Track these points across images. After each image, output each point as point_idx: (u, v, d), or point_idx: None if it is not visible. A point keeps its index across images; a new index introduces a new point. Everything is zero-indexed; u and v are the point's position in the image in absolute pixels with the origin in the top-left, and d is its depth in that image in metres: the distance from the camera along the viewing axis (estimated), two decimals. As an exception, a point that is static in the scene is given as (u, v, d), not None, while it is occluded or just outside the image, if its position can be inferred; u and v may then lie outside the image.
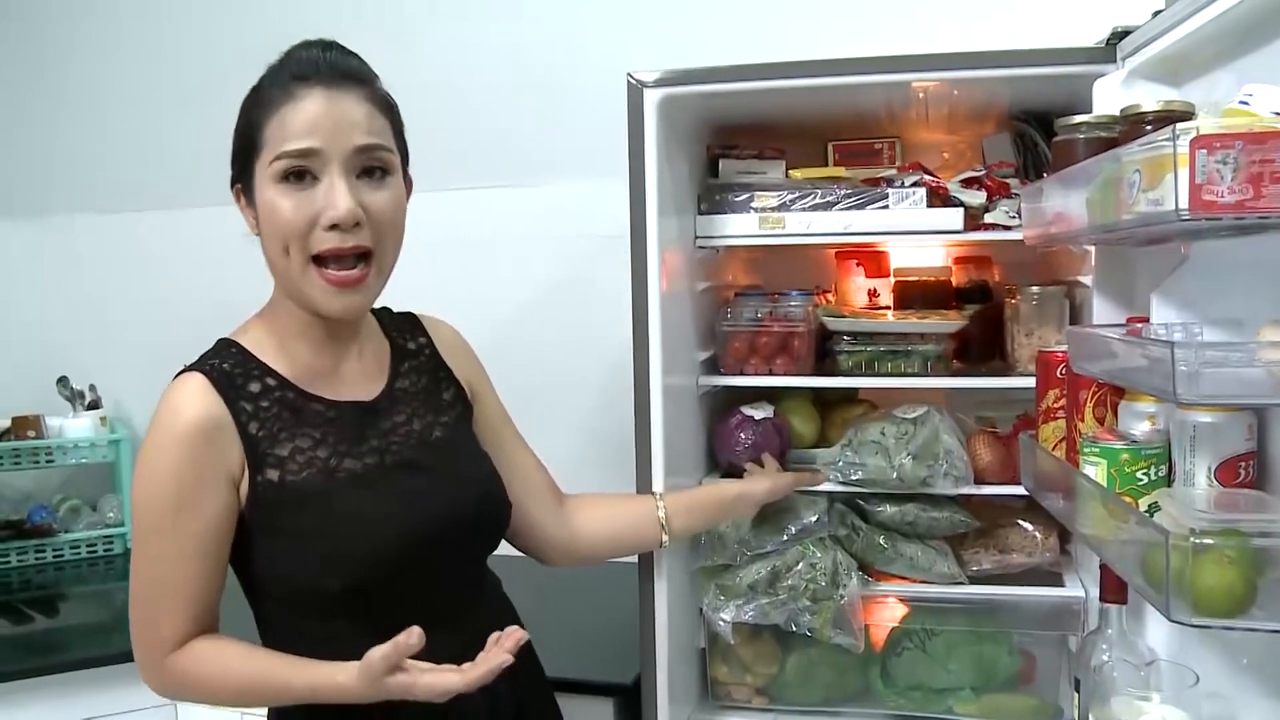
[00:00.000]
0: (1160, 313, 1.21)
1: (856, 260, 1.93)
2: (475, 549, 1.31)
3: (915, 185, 1.66)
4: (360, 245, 1.16)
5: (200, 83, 2.56)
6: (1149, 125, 1.09)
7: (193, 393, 1.16)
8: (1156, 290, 1.21)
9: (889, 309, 1.89)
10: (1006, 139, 1.79)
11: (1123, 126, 1.16)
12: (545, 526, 1.45)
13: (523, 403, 1.48)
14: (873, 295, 1.92)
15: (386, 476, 1.22)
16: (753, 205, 1.71)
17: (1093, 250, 1.49)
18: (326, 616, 1.18)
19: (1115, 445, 1.14)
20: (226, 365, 1.19)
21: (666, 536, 1.53)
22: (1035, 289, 1.68)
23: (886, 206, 1.65)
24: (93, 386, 2.65)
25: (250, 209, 1.20)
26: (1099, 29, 1.44)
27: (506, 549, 1.40)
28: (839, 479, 1.69)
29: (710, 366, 1.82)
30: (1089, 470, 1.16)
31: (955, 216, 1.64)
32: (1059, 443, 1.34)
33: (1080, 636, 1.58)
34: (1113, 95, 1.34)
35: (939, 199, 1.66)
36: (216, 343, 1.24)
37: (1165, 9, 1.21)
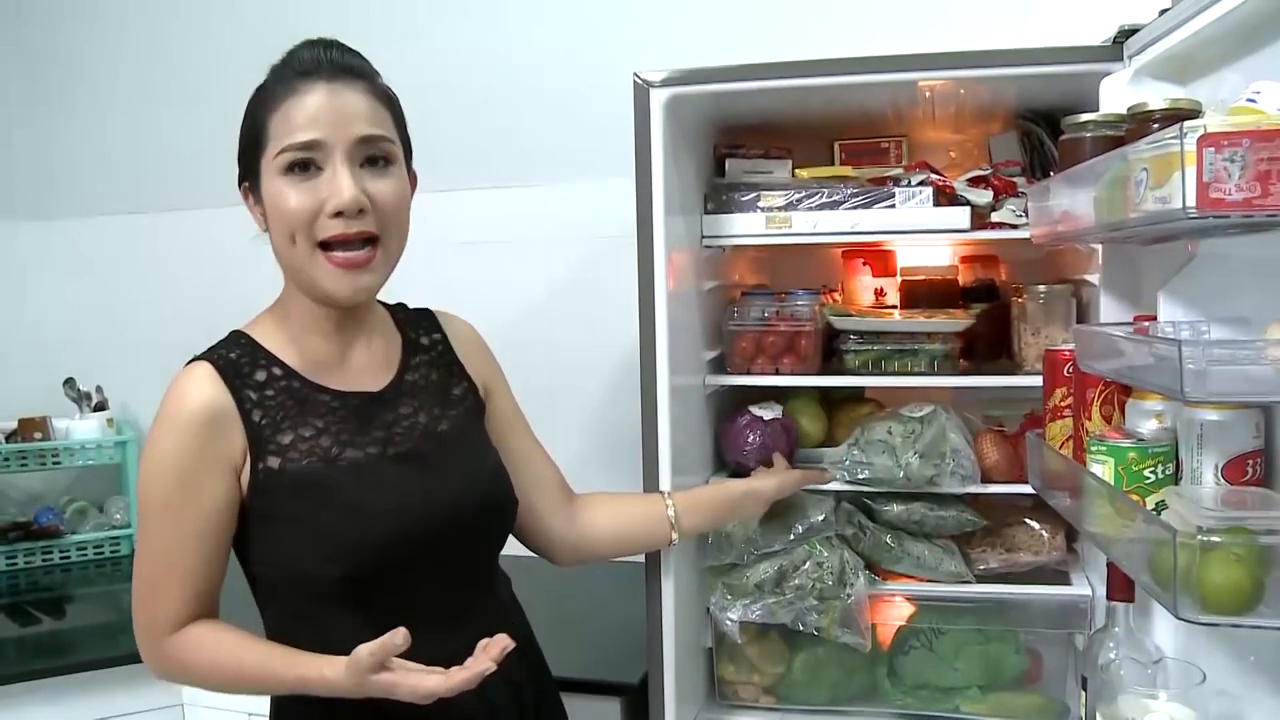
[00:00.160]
0: (1167, 311, 1.21)
1: (863, 259, 1.93)
2: (479, 545, 1.30)
3: (922, 184, 1.65)
4: (366, 231, 1.17)
5: (207, 85, 2.57)
6: (1156, 124, 1.09)
7: (198, 381, 1.18)
8: (1163, 289, 1.20)
9: (895, 308, 1.89)
10: (1013, 138, 1.79)
11: (1130, 125, 1.16)
12: (554, 525, 1.45)
13: (529, 402, 1.48)
14: (879, 294, 1.92)
15: (388, 466, 1.22)
16: (759, 205, 1.71)
17: (1100, 249, 1.49)
18: (326, 605, 1.18)
19: (1123, 443, 1.14)
20: (234, 355, 1.21)
21: (676, 535, 1.53)
22: (1042, 288, 1.68)
23: (893, 205, 1.65)
24: (99, 388, 2.66)
25: (258, 206, 1.21)
26: (1105, 28, 1.44)
27: (514, 549, 1.39)
28: (846, 478, 1.68)
29: (717, 366, 1.82)
30: (1096, 469, 1.16)
31: (962, 215, 1.64)
32: (1066, 441, 1.34)
33: (1087, 635, 1.58)
34: (1119, 94, 1.34)
35: (946, 198, 1.65)
36: (228, 334, 1.25)
37: (1172, 8, 1.21)
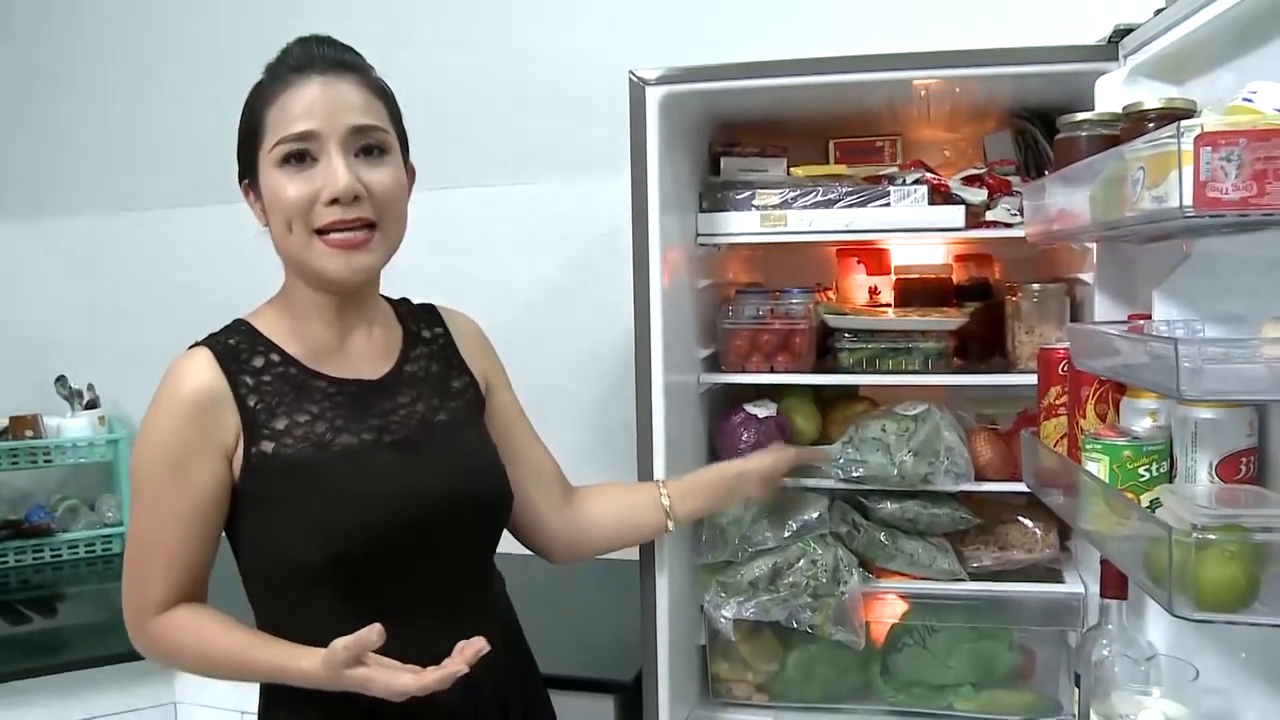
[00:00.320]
0: (1162, 310, 1.21)
1: (857, 257, 1.93)
2: (472, 538, 1.30)
3: (917, 183, 1.66)
4: (362, 217, 1.18)
5: (200, 84, 2.57)
6: (1151, 123, 1.09)
7: (195, 365, 1.19)
8: (1158, 288, 1.21)
9: (889, 306, 1.90)
10: (1007, 137, 1.80)
11: (1125, 124, 1.17)
12: (552, 522, 1.45)
13: (523, 400, 1.47)
14: (873, 292, 1.92)
15: (383, 453, 1.22)
16: (754, 203, 1.71)
17: (1094, 247, 1.49)
18: (315, 593, 1.18)
19: (1117, 442, 1.14)
20: (233, 341, 1.22)
21: (671, 522, 1.52)
22: (1036, 286, 1.68)
23: (888, 204, 1.66)
24: (91, 386, 2.65)
25: (258, 202, 1.22)
26: (1099, 27, 1.45)
27: (507, 548, 1.39)
28: (840, 476, 1.68)
29: (711, 364, 1.82)
30: (1091, 466, 1.16)
31: (956, 214, 1.64)
32: (1060, 439, 1.34)
33: (1080, 632, 1.59)
34: (1115, 93, 1.34)
35: (940, 196, 1.66)
36: (230, 322, 1.27)
37: (1167, 7, 1.21)
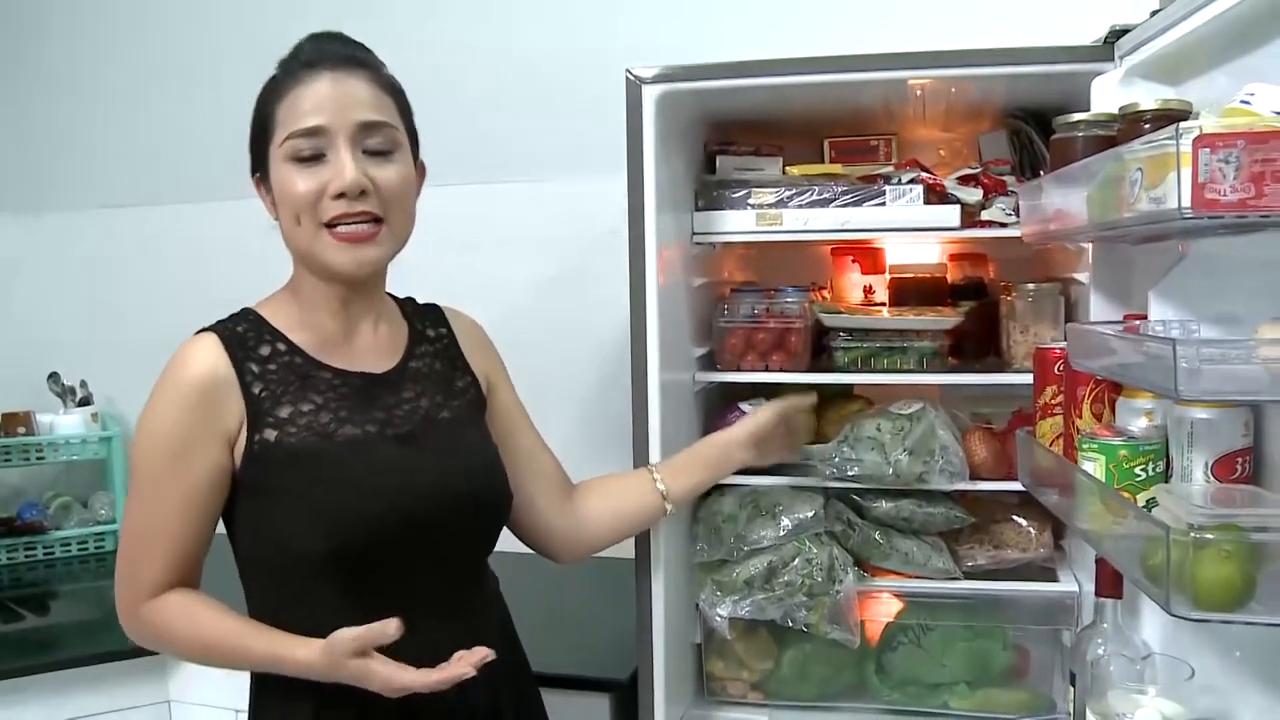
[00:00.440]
0: (1158, 310, 1.21)
1: (852, 256, 1.93)
2: (471, 536, 1.30)
3: (912, 182, 1.66)
4: (369, 211, 1.19)
5: (195, 79, 2.56)
6: (1148, 124, 1.10)
7: (201, 349, 1.20)
8: (1154, 288, 1.21)
9: (884, 305, 1.90)
10: (1003, 136, 1.80)
11: (1121, 125, 1.17)
12: (554, 520, 1.45)
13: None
14: (868, 291, 1.93)
15: (385, 446, 1.23)
16: (750, 202, 1.71)
17: (1089, 248, 1.49)
18: (312, 584, 1.18)
19: (1114, 441, 1.14)
20: (240, 328, 1.23)
21: (669, 504, 1.53)
22: (1031, 286, 1.68)
23: (884, 203, 1.66)
24: (84, 382, 2.64)
25: (269, 195, 1.23)
26: (1094, 28, 1.45)
27: (503, 547, 1.38)
28: (835, 475, 1.68)
29: (707, 363, 1.82)
30: (1087, 466, 1.16)
31: (952, 213, 1.65)
32: (1056, 439, 1.34)
33: (1074, 631, 1.59)
34: (1110, 94, 1.35)
35: (936, 196, 1.66)
36: (238, 310, 1.27)
37: (1162, 9, 1.21)
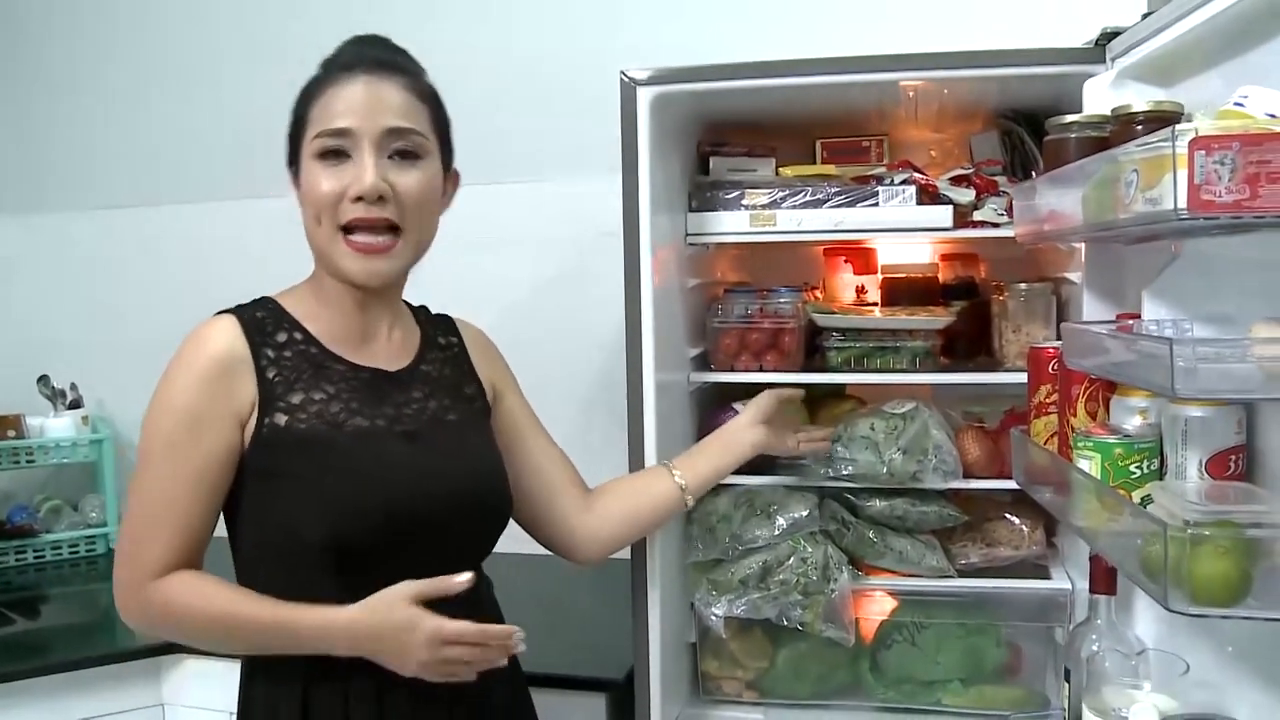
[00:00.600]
0: (1151, 309, 1.23)
1: (844, 257, 1.94)
2: (470, 537, 1.31)
3: (905, 183, 1.67)
4: (386, 218, 1.21)
5: (195, 81, 2.54)
6: (1140, 125, 1.12)
7: (220, 329, 1.21)
8: (1148, 288, 1.22)
9: (876, 305, 1.91)
10: (994, 137, 1.81)
11: (1114, 126, 1.18)
12: (573, 523, 1.47)
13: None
14: (860, 291, 1.94)
15: (393, 441, 1.25)
16: (744, 203, 1.72)
17: (1081, 248, 1.51)
18: (308, 574, 1.18)
19: (1109, 440, 1.15)
20: (259, 314, 1.25)
21: (689, 496, 1.55)
22: (1023, 286, 1.70)
23: (877, 204, 1.67)
24: (74, 385, 2.62)
25: (299, 189, 1.26)
26: (1085, 30, 1.46)
27: (501, 546, 1.39)
28: (830, 474, 1.70)
29: (701, 363, 1.83)
30: (1083, 464, 1.17)
31: (945, 214, 1.66)
32: (1051, 437, 1.35)
33: (1067, 628, 1.61)
34: (1102, 95, 1.36)
35: (929, 196, 1.67)
36: (257, 298, 1.28)
37: (1154, 12, 1.22)
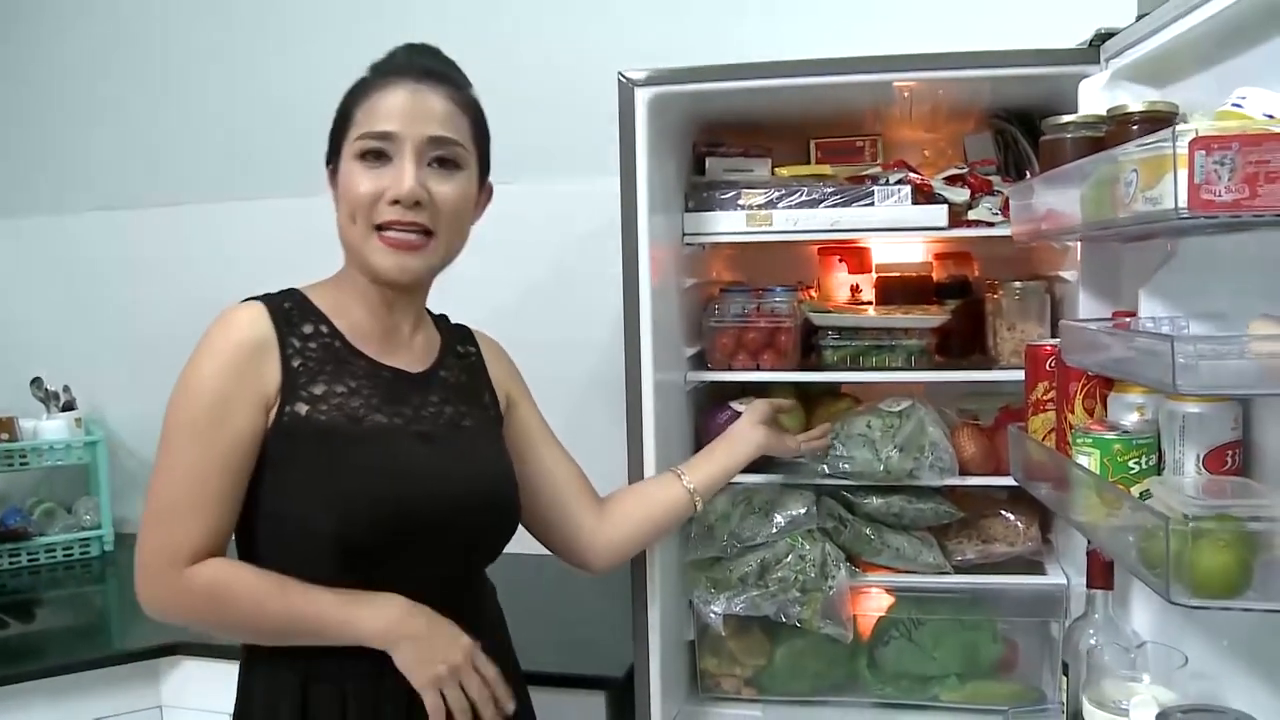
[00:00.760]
0: (1148, 307, 1.24)
1: (839, 256, 1.95)
2: (477, 541, 1.32)
3: (900, 183, 1.68)
4: (420, 223, 1.23)
5: (182, 86, 2.53)
6: (1135, 125, 1.13)
7: (249, 315, 1.22)
8: (1144, 285, 1.24)
9: (871, 304, 1.92)
10: (987, 137, 1.82)
11: (1110, 126, 1.20)
12: (587, 531, 1.49)
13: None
14: (855, 291, 1.95)
15: (409, 440, 1.26)
16: (740, 203, 1.73)
17: (1076, 246, 1.52)
18: (315, 568, 1.18)
19: (1108, 436, 1.17)
20: (286, 305, 1.26)
21: (699, 499, 1.57)
22: (1018, 284, 1.71)
23: (872, 204, 1.68)
24: (67, 388, 2.61)
25: (336, 187, 1.28)
26: (1076, 31, 1.48)
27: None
28: (827, 471, 1.71)
29: (697, 362, 1.84)
30: (1082, 460, 1.19)
31: (940, 213, 1.67)
32: (1049, 434, 1.37)
33: (1062, 623, 1.62)
34: (1097, 96, 1.38)
35: (924, 196, 1.69)
36: (284, 289, 1.29)
37: (1148, 14, 1.24)
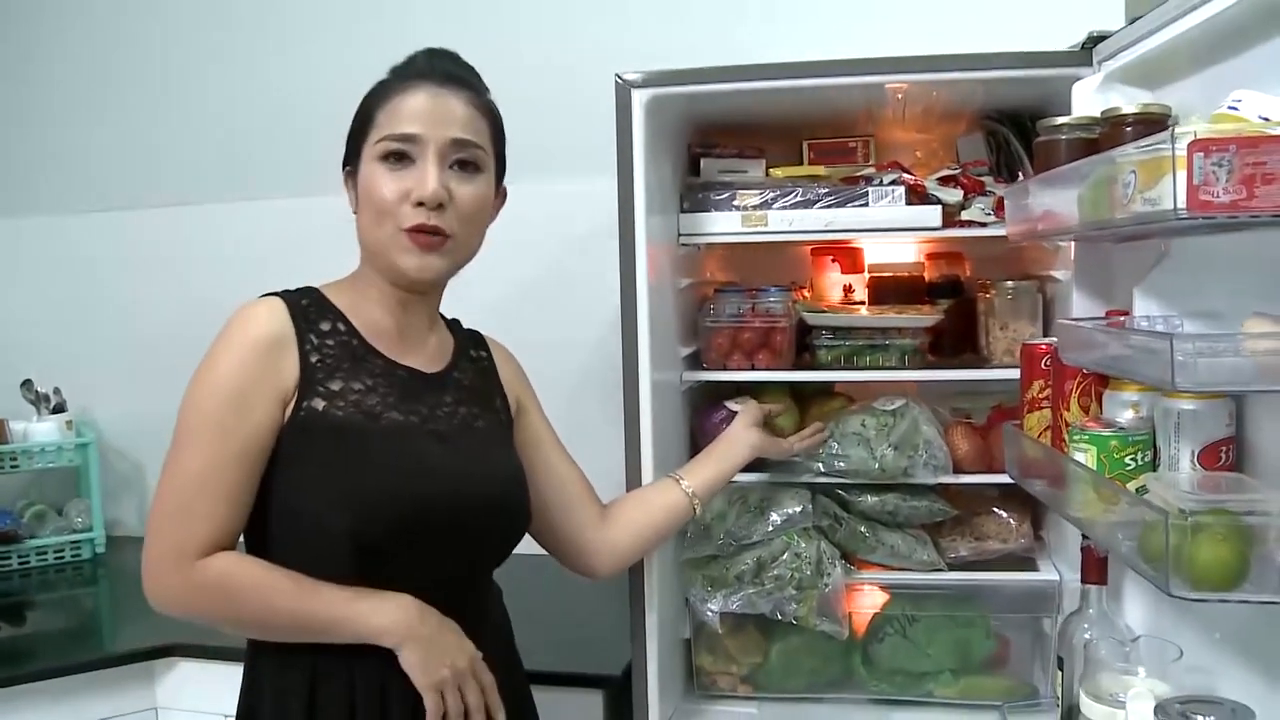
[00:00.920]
0: (1142, 306, 1.26)
1: (832, 256, 1.97)
2: (487, 542, 1.32)
3: (894, 184, 1.70)
4: (441, 227, 1.24)
5: (173, 84, 2.52)
6: (1129, 127, 1.15)
7: (267, 308, 1.23)
8: (1139, 285, 1.26)
9: (864, 304, 1.94)
10: (979, 138, 1.85)
11: (1104, 128, 1.22)
12: (591, 538, 1.49)
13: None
14: (848, 291, 1.96)
15: (424, 439, 1.27)
16: (735, 203, 1.74)
17: (1067, 246, 1.54)
18: (326, 565, 1.18)
19: (1104, 433, 1.19)
20: (304, 301, 1.26)
21: (698, 503, 1.57)
22: (1010, 284, 1.73)
23: (866, 204, 1.70)
24: (57, 390, 2.58)
25: (354, 190, 1.29)
26: (1069, 33, 1.49)
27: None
28: (822, 470, 1.72)
29: (693, 362, 1.85)
30: (1079, 457, 1.20)
31: (933, 214, 1.69)
32: (1044, 431, 1.38)
33: (1054, 618, 1.64)
34: (1090, 98, 1.39)
35: (917, 197, 1.70)
36: (302, 286, 1.29)
37: (1140, 17, 1.26)
